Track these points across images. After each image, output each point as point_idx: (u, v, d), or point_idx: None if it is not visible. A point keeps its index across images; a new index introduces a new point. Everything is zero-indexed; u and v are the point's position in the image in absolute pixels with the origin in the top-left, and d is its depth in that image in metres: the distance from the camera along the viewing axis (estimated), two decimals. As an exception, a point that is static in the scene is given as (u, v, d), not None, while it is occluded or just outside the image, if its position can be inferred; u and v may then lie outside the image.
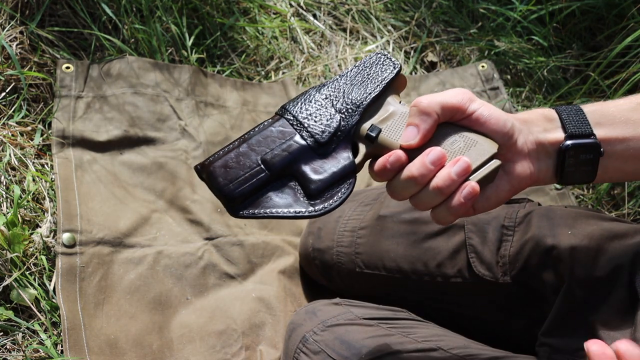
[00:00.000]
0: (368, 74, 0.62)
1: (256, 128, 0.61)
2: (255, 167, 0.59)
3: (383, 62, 0.62)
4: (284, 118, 0.61)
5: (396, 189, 0.56)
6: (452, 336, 0.69)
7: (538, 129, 0.60)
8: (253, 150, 0.60)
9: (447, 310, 0.76)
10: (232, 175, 0.59)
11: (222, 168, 0.59)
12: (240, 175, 0.59)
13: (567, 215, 0.71)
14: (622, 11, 1.41)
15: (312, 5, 1.49)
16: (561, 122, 0.60)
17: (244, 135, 0.61)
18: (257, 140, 0.60)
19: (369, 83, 0.61)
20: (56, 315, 0.86)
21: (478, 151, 0.56)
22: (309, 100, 0.61)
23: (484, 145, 0.56)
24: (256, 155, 0.59)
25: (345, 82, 0.62)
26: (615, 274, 0.63)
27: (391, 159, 0.55)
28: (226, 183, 0.58)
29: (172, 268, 0.95)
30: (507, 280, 0.69)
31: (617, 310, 0.61)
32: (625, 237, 0.66)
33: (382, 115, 0.60)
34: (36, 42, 1.10)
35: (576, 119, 0.59)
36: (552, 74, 1.43)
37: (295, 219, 0.59)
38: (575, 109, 0.60)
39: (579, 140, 0.58)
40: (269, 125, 0.61)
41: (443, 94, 0.57)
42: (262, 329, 0.92)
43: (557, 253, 0.66)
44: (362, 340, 0.66)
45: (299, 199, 0.58)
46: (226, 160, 0.59)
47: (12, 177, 0.96)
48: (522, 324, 0.71)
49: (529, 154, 0.59)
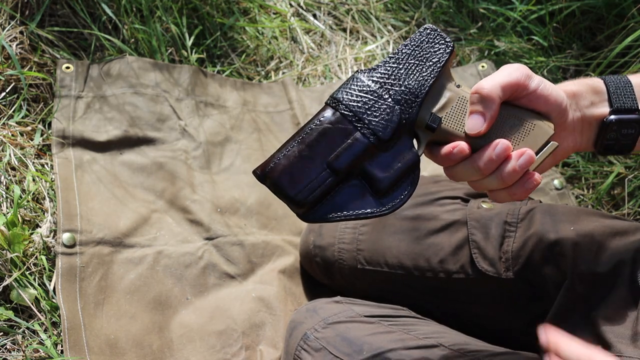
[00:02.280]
0: (421, 55, 0.59)
1: (312, 125, 0.58)
2: (321, 172, 0.57)
3: (435, 40, 0.59)
4: (339, 112, 0.58)
5: (458, 174, 0.56)
6: (453, 333, 0.69)
7: (585, 103, 0.60)
8: (315, 152, 0.58)
9: (449, 307, 0.76)
10: (299, 183, 0.57)
11: (287, 175, 0.58)
12: (308, 182, 0.57)
13: (570, 212, 0.71)
14: (622, 11, 1.41)
15: (312, 5, 1.49)
16: (608, 96, 0.59)
17: (301, 134, 0.59)
18: (316, 140, 0.58)
19: (424, 67, 0.58)
20: (56, 315, 0.86)
21: (537, 134, 0.56)
22: (361, 88, 0.58)
23: (543, 128, 0.56)
24: (321, 158, 0.57)
25: (397, 66, 0.59)
26: (617, 270, 0.63)
27: (455, 151, 0.55)
28: (295, 192, 0.57)
29: (172, 268, 0.95)
30: (509, 275, 0.69)
31: (618, 306, 0.61)
32: (626, 234, 0.66)
33: (441, 102, 0.58)
34: (36, 42, 1.10)
35: (623, 92, 0.59)
36: (552, 74, 1.43)
37: (367, 219, 0.58)
38: (623, 82, 0.60)
39: (623, 115, 0.58)
40: (326, 122, 0.58)
41: (501, 73, 0.56)
42: (262, 329, 0.92)
43: (560, 249, 0.66)
44: (363, 337, 0.66)
45: (368, 198, 0.57)
46: (290, 166, 0.58)
47: (12, 177, 0.96)
48: (525, 319, 0.70)
49: (574, 128, 0.60)
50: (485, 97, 0.55)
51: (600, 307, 0.62)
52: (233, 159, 1.14)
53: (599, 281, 0.64)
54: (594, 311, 0.62)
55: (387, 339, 0.65)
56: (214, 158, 1.12)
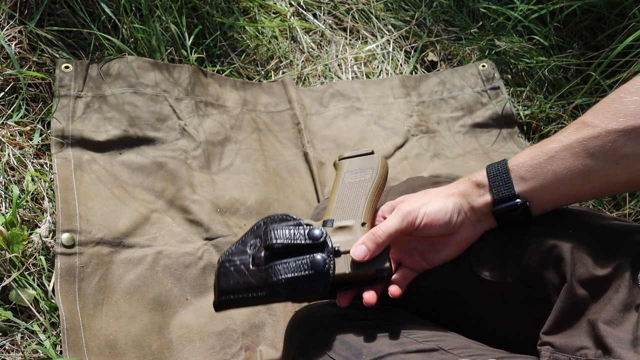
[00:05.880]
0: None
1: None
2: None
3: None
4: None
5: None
6: (452, 336, 0.68)
7: (473, 197, 0.70)
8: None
9: (448, 310, 0.76)
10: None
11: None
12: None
13: (568, 214, 0.70)
14: (623, 10, 1.41)
15: (312, 4, 1.48)
16: (490, 187, 0.69)
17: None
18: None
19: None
20: (55, 316, 0.86)
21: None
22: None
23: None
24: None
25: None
26: (617, 272, 0.63)
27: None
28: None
29: (171, 268, 0.95)
30: (508, 280, 0.69)
31: (618, 309, 0.61)
32: (626, 236, 0.66)
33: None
34: (35, 41, 1.10)
35: (501, 182, 0.68)
36: (553, 73, 1.42)
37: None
38: (501, 169, 0.69)
39: (505, 204, 0.68)
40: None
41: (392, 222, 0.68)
42: (262, 330, 0.92)
43: (559, 252, 0.66)
44: (362, 340, 0.66)
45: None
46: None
47: (11, 177, 0.96)
48: (524, 323, 0.70)
49: (470, 222, 0.70)
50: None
51: (600, 311, 0.62)
52: (233, 159, 1.13)
53: (598, 284, 0.63)
54: (593, 315, 0.62)
55: (386, 342, 0.65)
56: (214, 158, 1.12)
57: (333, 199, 0.75)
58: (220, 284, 0.67)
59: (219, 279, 0.68)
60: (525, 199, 0.67)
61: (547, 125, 1.35)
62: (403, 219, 0.67)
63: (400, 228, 0.67)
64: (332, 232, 0.70)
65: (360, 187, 0.75)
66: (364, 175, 0.76)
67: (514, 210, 0.67)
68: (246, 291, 0.67)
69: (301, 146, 1.20)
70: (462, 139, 1.32)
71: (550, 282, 0.67)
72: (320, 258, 0.66)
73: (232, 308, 0.68)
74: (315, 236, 0.67)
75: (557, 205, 0.69)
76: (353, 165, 0.78)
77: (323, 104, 1.30)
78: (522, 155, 0.69)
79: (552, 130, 1.33)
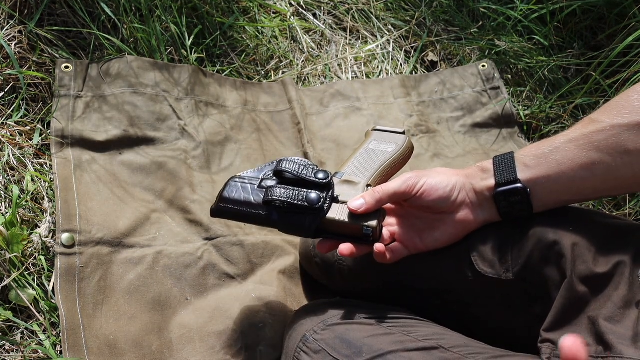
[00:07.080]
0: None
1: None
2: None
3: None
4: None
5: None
6: (452, 335, 0.68)
7: (476, 180, 0.72)
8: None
9: (449, 308, 0.76)
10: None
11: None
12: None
13: (569, 212, 0.71)
14: (623, 10, 1.41)
15: (312, 4, 1.48)
16: (494, 172, 0.71)
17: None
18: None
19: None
20: (55, 316, 0.86)
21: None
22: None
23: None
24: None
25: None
26: (617, 269, 0.63)
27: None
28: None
29: (171, 268, 0.95)
30: (509, 277, 0.69)
31: (619, 306, 0.61)
32: (626, 234, 0.66)
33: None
34: (35, 41, 1.10)
35: (505, 167, 0.70)
36: (553, 73, 1.42)
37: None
38: (507, 157, 0.71)
39: (506, 187, 0.69)
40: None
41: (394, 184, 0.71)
42: (262, 329, 0.92)
43: (559, 249, 0.66)
44: (362, 339, 0.66)
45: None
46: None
47: (11, 177, 0.96)
48: (525, 320, 0.70)
49: (471, 203, 0.72)
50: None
51: (600, 308, 0.62)
52: (233, 159, 1.13)
53: (598, 281, 0.63)
54: (594, 312, 0.62)
55: (386, 340, 0.65)
56: (214, 158, 1.12)
57: (351, 157, 0.80)
58: (224, 192, 0.76)
59: (224, 189, 0.76)
60: (526, 186, 0.68)
61: (547, 125, 1.34)
62: (403, 183, 0.70)
63: (400, 191, 0.69)
64: (338, 182, 0.75)
65: (379, 155, 0.79)
66: (387, 148, 0.81)
67: (514, 195, 0.69)
68: (244, 205, 0.74)
69: (301, 146, 1.20)
70: (462, 139, 1.32)
71: (550, 278, 0.67)
72: (316, 195, 0.71)
73: (226, 218, 0.76)
74: (320, 176, 0.73)
75: (559, 199, 0.69)
76: (381, 137, 0.84)
77: (323, 104, 1.30)
78: (528, 147, 0.71)
79: (552, 130, 1.33)
